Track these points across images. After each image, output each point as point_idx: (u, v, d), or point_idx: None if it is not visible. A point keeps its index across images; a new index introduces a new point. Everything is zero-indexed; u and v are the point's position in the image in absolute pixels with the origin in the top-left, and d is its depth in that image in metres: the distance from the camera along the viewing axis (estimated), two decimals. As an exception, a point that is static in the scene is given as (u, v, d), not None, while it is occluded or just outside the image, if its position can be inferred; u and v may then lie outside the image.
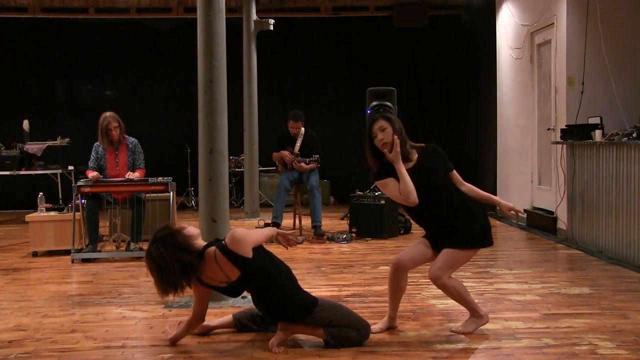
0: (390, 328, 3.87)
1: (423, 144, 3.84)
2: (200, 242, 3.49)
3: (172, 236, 3.36)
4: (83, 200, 6.42)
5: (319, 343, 3.62)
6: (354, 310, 4.26)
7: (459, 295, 3.74)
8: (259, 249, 3.48)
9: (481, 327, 3.82)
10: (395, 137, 3.64)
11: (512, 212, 3.74)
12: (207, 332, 3.80)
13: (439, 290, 4.77)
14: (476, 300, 4.41)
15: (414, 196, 3.59)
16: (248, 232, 3.47)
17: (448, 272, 3.65)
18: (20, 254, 6.71)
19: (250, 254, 3.38)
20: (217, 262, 3.37)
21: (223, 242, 3.45)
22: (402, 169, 3.63)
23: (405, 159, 3.68)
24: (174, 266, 3.30)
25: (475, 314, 3.78)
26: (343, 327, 3.52)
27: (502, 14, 9.21)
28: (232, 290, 3.59)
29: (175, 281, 3.35)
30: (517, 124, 8.75)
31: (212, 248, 3.43)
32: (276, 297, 3.49)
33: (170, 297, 3.61)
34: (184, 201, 10.67)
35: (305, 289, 3.65)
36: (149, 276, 5.49)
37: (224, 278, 3.42)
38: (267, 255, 3.55)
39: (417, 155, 3.75)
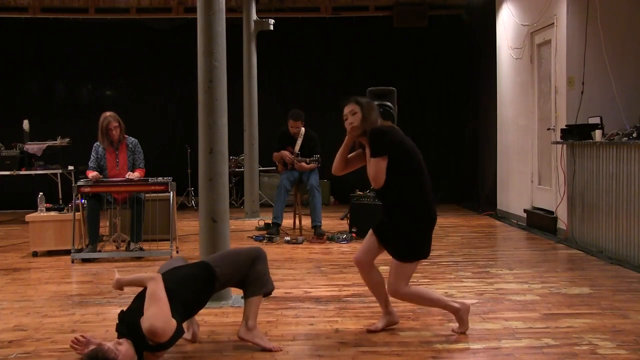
0: (391, 324, 3.86)
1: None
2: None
3: None
4: (83, 200, 6.42)
5: (319, 343, 3.62)
6: (353, 310, 4.28)
7: (424, 299, 3.78)
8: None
9: (481, 327, 3.84)
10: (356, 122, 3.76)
11: None
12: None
13: (439, 290, 4.79)
14: (475, 301, 4.44)
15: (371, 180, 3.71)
16: (164, 317, 3.13)
17: (402, 283, 3.67)
18: (20, 254, 6.71)
19: (174, 324, 3.16)
20: (155, 356, 3.20)
21: (147, 341, 3.10)
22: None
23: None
24: None
25: (453, 310, 3.76)
26: (252, 273, 3.56)
27: (502, 14, 9.21)
28: None
29: None
30: (517, 123, 8.76)
31: (147, 354, 3.15)
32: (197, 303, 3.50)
33: None
34: (184, 201, 10.67)
35: (306, 288, 3.63)
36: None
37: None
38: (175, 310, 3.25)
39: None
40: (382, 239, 3.79)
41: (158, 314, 3.11)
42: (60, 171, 9.00)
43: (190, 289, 3.40)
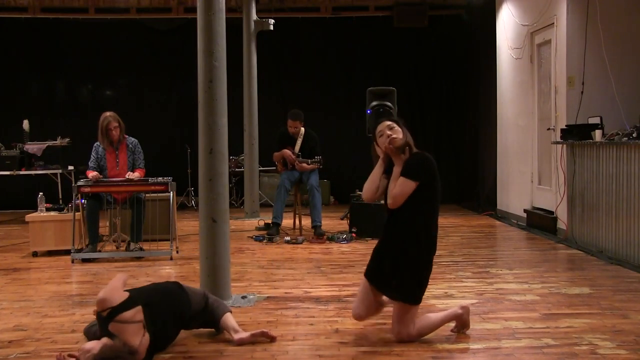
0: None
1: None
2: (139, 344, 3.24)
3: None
4: (83, 200, 6.42)
5: (319, 343, 3.63)
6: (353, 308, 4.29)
7: (432, 326, 3.71)
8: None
9: (481, 327, 3.85)
10: (399, 136, 3.65)
11: None
12: None
13: (439, 290, 4.81)
14: (475, 301, 4.45)
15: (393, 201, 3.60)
16: (108, 288, 3.38)
17: (410, 327, 3.60)
18: (20, 254, 6.71)
19: (125, 294, 3.36)
20: (127, 323, 3.24)
21: (101, 314, 3.27)
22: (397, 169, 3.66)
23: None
24: None
25: (457, 316, 3.75)
26: (211, 302, 3.76)
27: (502, 14, 9.21)
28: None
29: None
30: (517, 123, 8.76)
31: (114, 326, 3.23)
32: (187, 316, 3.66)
33: None
34: (184, 201, 10.67)
35: (306, 288, 3.63)
36: (149, 276, 5.54)
37: (141, 328, 3.28)
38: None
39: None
40: (379, 284, 3.68)
41: (105, 288, 3.34)
42: (60, 171, 9.00)
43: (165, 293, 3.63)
